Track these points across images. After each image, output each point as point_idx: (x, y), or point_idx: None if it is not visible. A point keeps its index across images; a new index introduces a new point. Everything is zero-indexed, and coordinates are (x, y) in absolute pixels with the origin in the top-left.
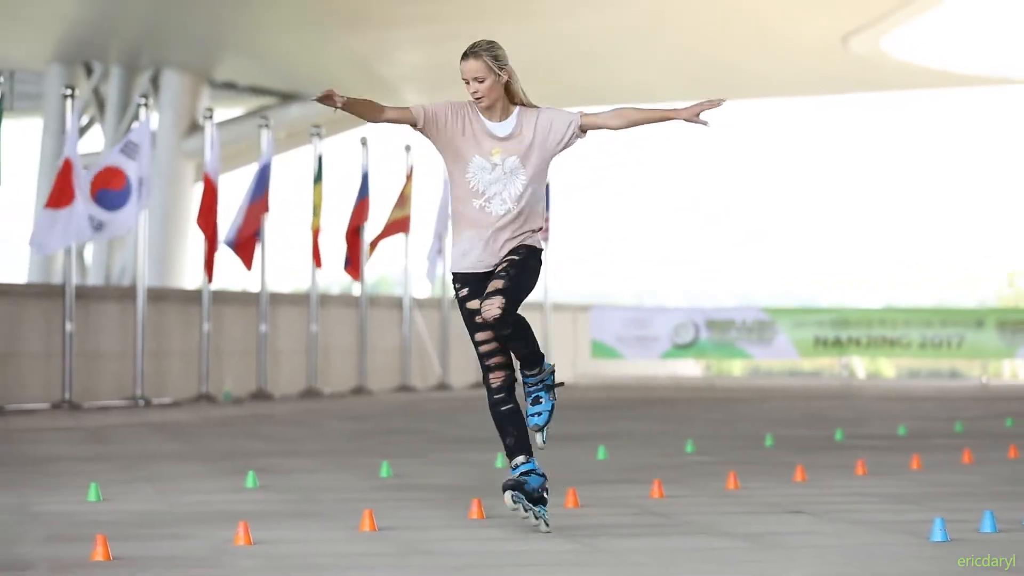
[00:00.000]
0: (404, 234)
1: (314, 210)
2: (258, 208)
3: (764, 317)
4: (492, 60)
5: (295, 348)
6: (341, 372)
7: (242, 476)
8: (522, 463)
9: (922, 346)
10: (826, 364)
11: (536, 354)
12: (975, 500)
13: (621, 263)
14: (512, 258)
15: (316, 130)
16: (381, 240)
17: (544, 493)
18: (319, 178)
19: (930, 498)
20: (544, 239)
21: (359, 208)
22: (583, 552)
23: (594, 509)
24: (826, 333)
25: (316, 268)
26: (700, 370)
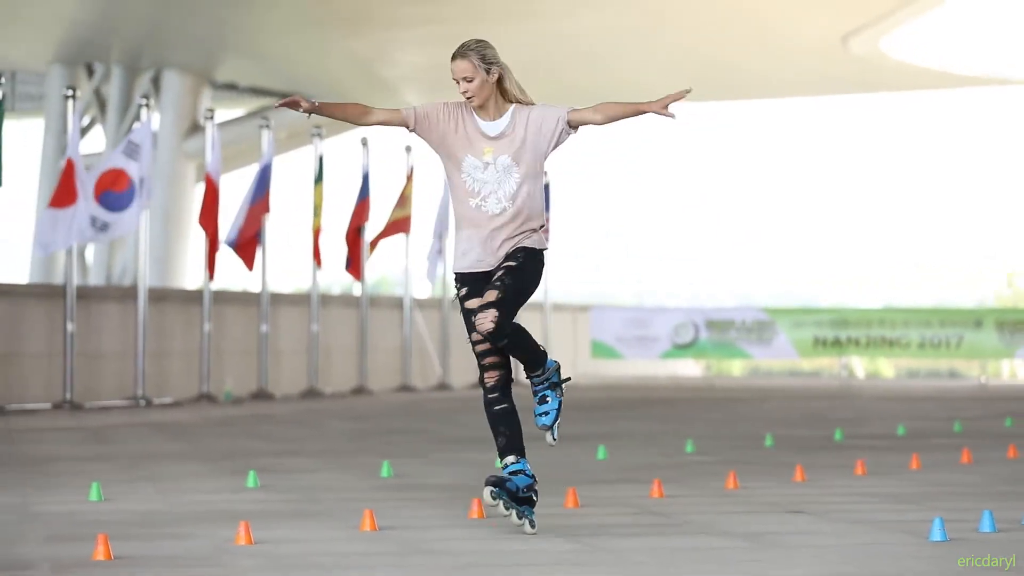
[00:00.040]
0: (404, 234)
1: (315, 210)
2: (259, 209)
3: (764, 317)
4: (480, 59)
5: (296, 348)
6: (342, 372)
7: (243, 476)
8: (511, 463)
9: (921, 346)
10: (825, 364)
11: (537, 357)
12: (974, 500)
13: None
14: (509, 264)
15: (317, 131)
16: (381, 239)
17: (532, 495)
18: (320, 178)
19: (929, 498)
20: (546, 238)
21: (360, 208)
22: (583, 552)
23: (594, 509)
24: (825, 333)
25: (317, 268)
26: (700, 370)
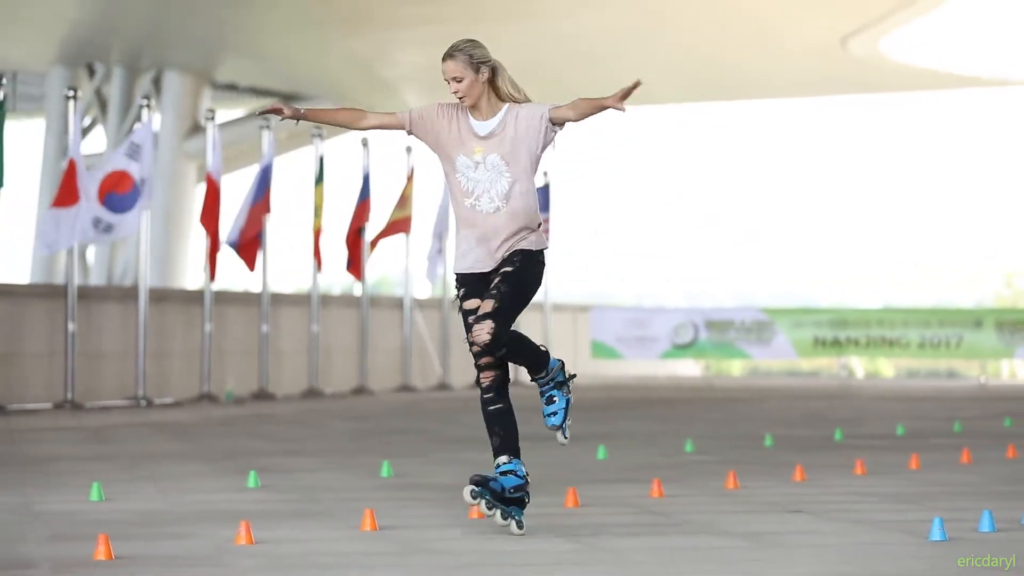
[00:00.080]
0: (405, 234)
1: (315, 211)
2: (259, 209)
3: (763, 317)
4: (468, 59)
5: (297, 348)
6: (342, 372)
7: (244, 476)
8: (504, 463)
9: (921, 346)
10: (825, 364)
11: (539, 360)
12: (973, 499)
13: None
14: (506, 270)
15: (317, 131)
16: (381, 239)
17: (523, 496)
18: (320, 179)
19: (929, 497)
20: (546, 239)
21: (360, 209)
22: (583, 551)
23: (594, 508)
24: (825, 333)
25: (317, 269)
26: (699, 370)
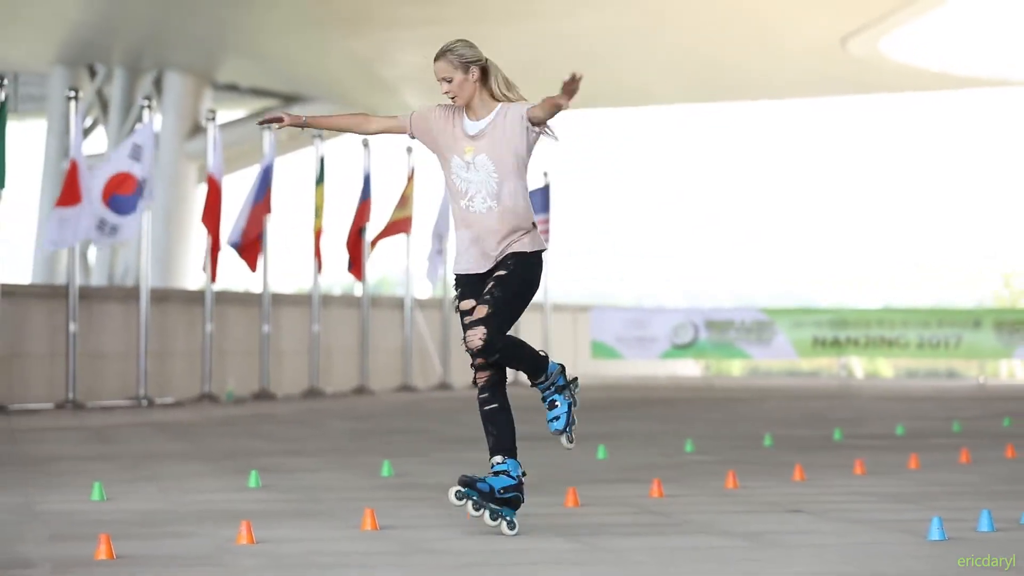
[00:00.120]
0: (405, 234)
1: (316, 211)
2: (260, 210)
3: (763, 317)
4: (457, 59)
5: (297, 348)
6: (343, 372)
7: (244, 475)
8: (497, 463)
9: (920, 346)
10: (824, 364)
11: (537, 365)
12: (972, 499)
13: (621, 264)
14: (499, 274)
15: (317, 132)
16: (381, 239)
17: (517, 496)
18: (321, 180)
19: (928, 497)
20: (545, 240)
21: (361, 209)
22: (583, 551)
23: (594, 508)
24: (824, 333)
25: (318, 269)
26: (699, 370)
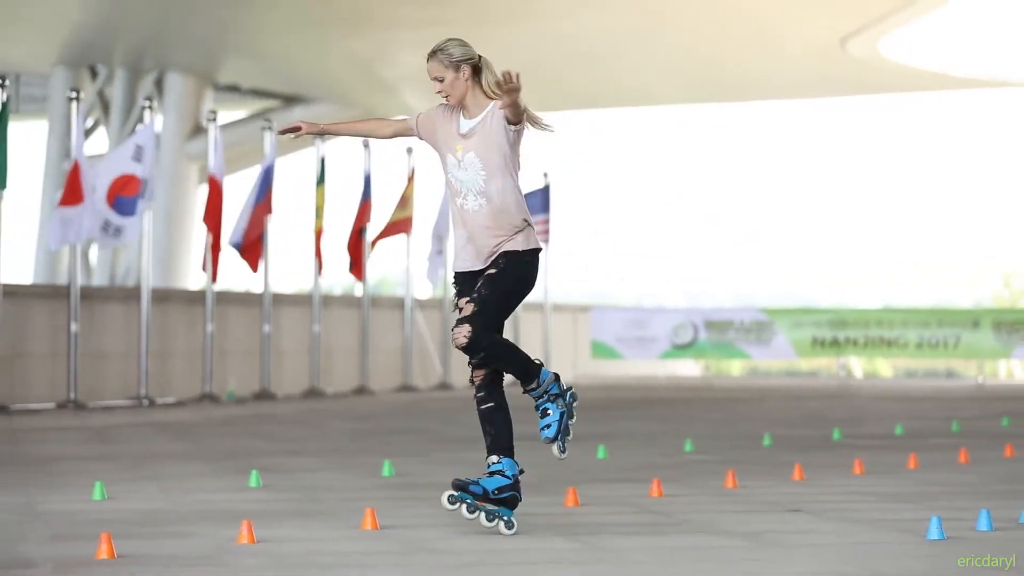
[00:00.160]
0: (406, 235)
1: (317, 212)
2: (261, 210)
3: (762, 318)
4: (447, 58)
5: (298, 348)
6: (343, 372)
7: (245, 475)
8: (493, 463)
9: (919, 346)
10: (824, 364)
11: (527, 370)
12: (971, 499)
13: (621, 264)
14: (490, 272)
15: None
16: (381, 239)
17: (513, 495)
18: (322, 180)
19: (927, 497)
20: (545, 240)
21: (362, 210)
22: (583, 551)
23: (594, 508)
24: (824, 333)
25: (318, 269)
26: (699, 370)
